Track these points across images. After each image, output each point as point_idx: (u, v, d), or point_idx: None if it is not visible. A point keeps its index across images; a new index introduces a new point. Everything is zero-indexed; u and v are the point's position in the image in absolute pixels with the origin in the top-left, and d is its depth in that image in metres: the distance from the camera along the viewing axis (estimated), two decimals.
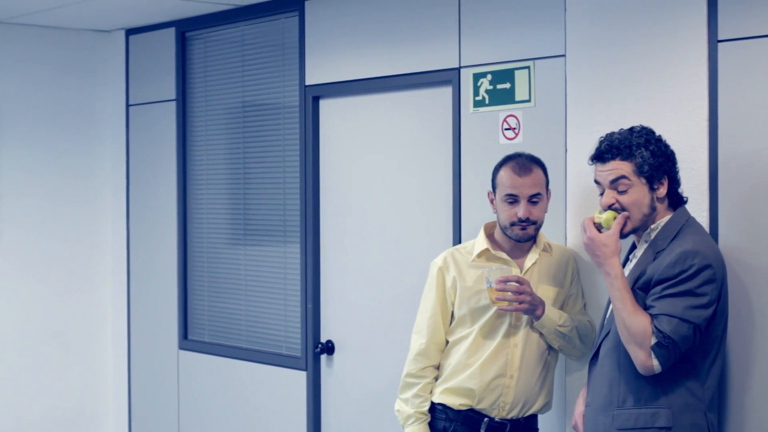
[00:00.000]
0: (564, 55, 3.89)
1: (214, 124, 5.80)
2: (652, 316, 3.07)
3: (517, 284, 3.57)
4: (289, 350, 5.35)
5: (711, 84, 3.43)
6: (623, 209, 3.23)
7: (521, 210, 3.66)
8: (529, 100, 4.23)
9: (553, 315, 3.66)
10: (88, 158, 6.33)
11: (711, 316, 3.11)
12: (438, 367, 3.83)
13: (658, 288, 3.09)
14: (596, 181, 3.31)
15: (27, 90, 6.10)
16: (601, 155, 3.27)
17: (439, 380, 3.81)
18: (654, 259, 3.16)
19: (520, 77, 4.25)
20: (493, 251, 3.76)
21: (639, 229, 3.27)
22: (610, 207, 3.25)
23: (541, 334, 3.70)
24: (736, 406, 3.38)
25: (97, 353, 6.39)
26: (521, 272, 3.73)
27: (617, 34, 3.66)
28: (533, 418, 3.80)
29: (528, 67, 4.23)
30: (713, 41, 3.42)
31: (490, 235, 3.80)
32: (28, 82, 6.11)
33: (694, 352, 3.13)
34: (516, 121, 4.24)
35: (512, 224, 3.69)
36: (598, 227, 3.24)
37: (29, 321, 6.14)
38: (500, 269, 3.63)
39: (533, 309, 3.62)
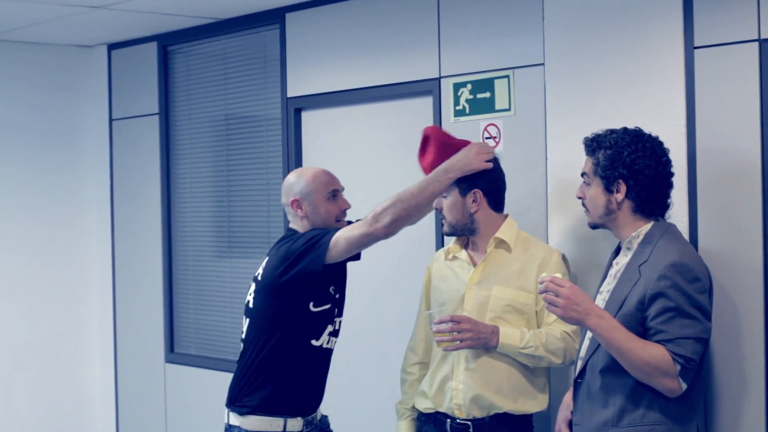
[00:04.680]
0: (543, 64, 3.92)
1: (197, 137, 5.81)
2: (665, 341, 3.03)
3: (452, 324, 3.52)
4: None
5: (688, 90, 3.46)
6: (586, 207, 3.32)
7: None
8: (509, 109, 4.25)
9: (511, 340, 3.57)
10: (72, 173, 6.33)
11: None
12: (428, 364, 3.85)
13: (659, 309, 3.05)
14: None
15: (8, 106, 6.10)
16: (585, 148, 3.35)
17: None
18: (640, 275, 3.13)
19: (500, 86, 4.27)
20: (453, 251, 3.79)
21: (602, 227, 3.31)
22: (582, 203, 3.34)
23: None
24: (724, 409, 3.40)
25: (84, 368, 6.38)
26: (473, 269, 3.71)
27: (595, 43, 3.69)
28: (508, 417, 3.66)
29: (507, 76, 4.25)
30: (689, 48, 3.45)
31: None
32: (9, 98, 6.10)
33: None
34: (496, 129, 4.27)
35: None
36: None
37: (15, 338, 6.13)
38: (434, 312, 3.62)
39: (484, 341, 3.56)
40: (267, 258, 3.82)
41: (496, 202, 3.73)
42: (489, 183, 3.70)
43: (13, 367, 6.12)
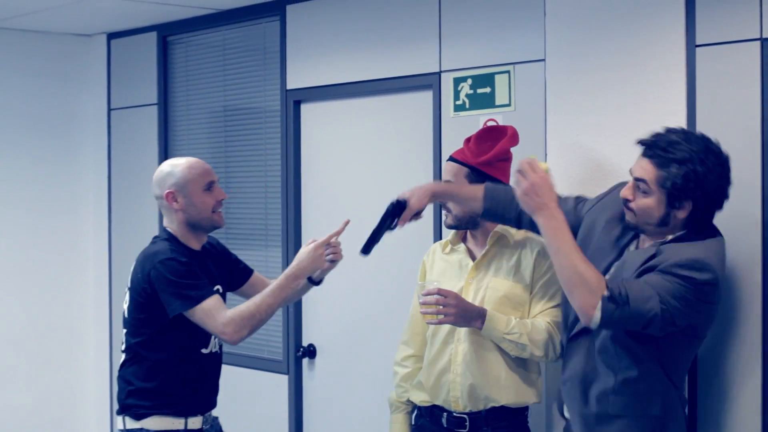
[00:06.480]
0: (544, 60, 3.91)
1: (195, 128, 5.80)
2: (626, 279, 2.96)
3: (438, 297, 3.52)
4: (271, 354, 5.36)
5: (689, 88, 3.45)
6: (632, 210, 3.11)
7: None
8: (509, 105, 4.24)
9: (497, 324, 3.55)
10: (70, 162, 6.32)
11: (701, 321, 3.08)
12: (421, 357, 3.85)
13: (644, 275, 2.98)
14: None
15: (6, 94, 6.08)
16: (643, 145, 3.09)
17: None
18: (656, 253, 3.03)
19: (500, 81, 4.26)
20: (452, 244, 3.80)
21: (644, 233, 3.16)
22: (625, 202, 3.13)
23: None
24: (720, 407, 3.41)
25: (79, 357, 6.37)
26: (473, 262, 3.73)
27: (596, 40, 3.68)
28: (504, 410, 3.67)
29: (508, 72, 4.25)
30: (691, 46, 3.44)
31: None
32: (8, 87, 6.09)
33: (681, 356, 3.12)
34: (496, 125, 4.25)
35: None
36: None
37: (11, 326, 6.12)
38: (427, 284, 3.63)
39: (467, 321, 3.55)
40: (134, 265, 3.78)
41: None
42: (500, 177, 3.71)
43: (8, 355, 6.11)
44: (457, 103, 4.42)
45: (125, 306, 3.80)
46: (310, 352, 5.15)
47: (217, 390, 3.90)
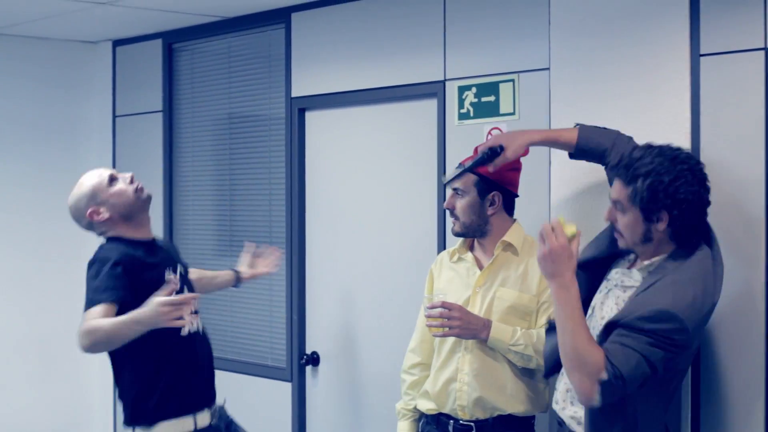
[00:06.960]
0: (548, 69, 3.91)
1: (200, 135, 5.81)
2: (607, 348, 2.93)
3: (442, 310, 3.56)
4: (275, 361, 5.36)
5: (693, 97, 3.45)
6: (620, 232, 3.12)
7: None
8: (513, 113, 4.25)
9: (502, 336, 3.59)
10: (75, 169, 6.24)
11: (678, 365, 3.05)
12: (429, 365, 3.86)
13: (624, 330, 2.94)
14: None
15: (11, 101, 6.09)
16: (613, 168, 3.15)
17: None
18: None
19: (505, 90, 4.27)
20: (459, 253, 3.80)
21: (634, 252, 3.17)
22: (614, 227, 3.15)
23: None
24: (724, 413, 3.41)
25: (82, 363, 6.36)
26: (480, 271, 3.73)
27: (601, 49, 3.68)
28: (511, 418, 3.68)
29: (512, 80, 4.25)
30: (695, 56, 3.45)
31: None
32: (13, 93, 6.10)
33: (662, 387, 3.09)
34: (500, 133, 4.25)
35: None
36: None
37: (14, 332, 6.12)
38: (434, 296, 3.66)
39: (472, 333, 3.59)
40: None
41: (511, 205, 3.76)
42: (509, 186, 3.73)
43: (11, 361, 6.12)
44: (462, 111, 4.42)
45: None
46: (314, 359, 5.15)
47: (213, 378, 3.87)
